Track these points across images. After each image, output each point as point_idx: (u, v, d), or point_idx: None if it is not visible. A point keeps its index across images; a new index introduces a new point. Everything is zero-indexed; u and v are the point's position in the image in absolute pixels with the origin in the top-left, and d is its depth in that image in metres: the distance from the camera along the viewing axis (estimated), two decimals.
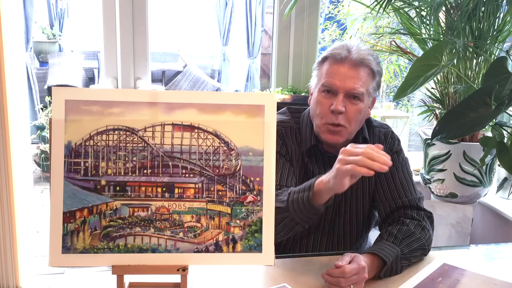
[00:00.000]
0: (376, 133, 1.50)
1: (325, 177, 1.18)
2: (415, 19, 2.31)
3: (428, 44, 2.31)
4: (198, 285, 1.16)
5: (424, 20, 2.28)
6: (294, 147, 1.46)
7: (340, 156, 1.13)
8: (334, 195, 1.45)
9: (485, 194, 2.35)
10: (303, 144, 1.46)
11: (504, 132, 1.23)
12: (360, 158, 1.08)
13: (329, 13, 3.88)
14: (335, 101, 1.34)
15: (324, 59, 1.40)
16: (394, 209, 1.42)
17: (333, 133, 1.37)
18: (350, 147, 1.13)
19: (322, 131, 1.39)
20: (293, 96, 2.39)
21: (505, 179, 2.51)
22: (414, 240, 1.31)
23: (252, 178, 1.02)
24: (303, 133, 1.47)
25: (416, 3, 2.22)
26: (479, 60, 2.19)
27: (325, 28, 3.76)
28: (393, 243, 1.28)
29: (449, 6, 2.15)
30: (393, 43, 2.46)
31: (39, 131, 4.37)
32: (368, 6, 2.51)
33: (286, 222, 1.24)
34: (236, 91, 6.62)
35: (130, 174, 1.00)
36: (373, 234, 1.61)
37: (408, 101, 4.23)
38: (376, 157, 1.08)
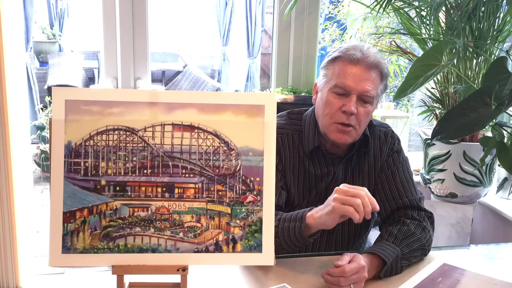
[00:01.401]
0: (376, 132, 1.50)
1: (316, 213, 1.21)
2: (415, 19, 2.31)
3: (428, 44, 2.31)
4: (198, 285, 1.16)
5: (424, 20, 2.28)
6: (291, 153, 1.45)
7: (336, 195, 1.16)
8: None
9: (485, 194, 2.35)
10: (305, 146, 1.45)
11: (504, 132, 1.23)
12: (359, 203, 1.12)
13: (329, 13, 3.87)
14: (347, 102, 1.33)
15: (336, 59, 1.38)
16: (395, 209, 1.42)
17: (343, 132, 1.36)
18: (344, 187, 1.16)
19: (331, 130, 1.38)
20: (295, 96, 2.39)
21: (505, 179, 2.51)
22: (414, 240, 1.31)
23: (252, 178, 1.02)
24: (306, 135, 1.46)
25: (416, 3, 2.22)
26: (479, 60, 2.19)
27: (325, 28, 3.75)
28: (393, 243, 1.28)
29: (449, 6, 2.15)
30: (393, 43, 2.46)
31: (39, 131, 4.36)
32: (368, 6, 2.51)
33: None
34: (236, 91, 6.62)
35: (130, 174, 1.00)
36: (373, 234, 1.61)
37: (408, 101, 4.23)
38: (366, 204, 1.13)
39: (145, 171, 1.01)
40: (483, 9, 2.07)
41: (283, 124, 1.48)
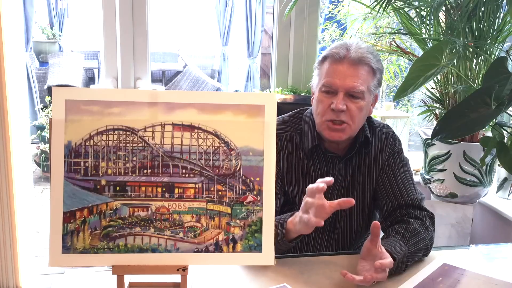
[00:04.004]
0: (377, 133, 1.50)
1: (294, 219, 1.22)
2: (415, 19, 2.31)
3: (428, 44, 2.31)
4: (198, 285, 1.16)
5: (424, 20, 2.28)
6: (290, 154, 1.46)
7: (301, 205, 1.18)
8: (335, 195, 1.46)
9: (485, 194, 2.35)
10: (304, 144, 1.46)
11: (504, 132, 1.22)
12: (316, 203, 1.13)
13: (329, 13, 3.87)
14: (335, 100, 1.35)
15: (324, 59, 1.41)
16: (396, 207, 1.42)
17: (335, 130, 1.38)
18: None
19: (323, 128, 1.40)
20: (295, 96, 2.39)
21: (505, 179, 2.51)
22: (420, 239, 1.31)
23: (252, 178, 1.02)
24: (305, 134, 1.47)
25: (416, 3, 2.22)
26: (479, 60, 2.19)
27: (325, 28, 3.76)
28: (401, 241, 1.28)
29: (449, 6, 2.15)
30: (393, 43, 2.46)
31: (39, 131, 4.36)
32: (368, 6, 2.51)
33: None
34: (236, 91, 6.62)
35: (130, 174, 1.00)
36: None
37: (408, 101, 4.23)
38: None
39: (145, 171, 1.01)
40: (483, 9, 2.07)
41: (282, 126, 1.49)
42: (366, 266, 1.17)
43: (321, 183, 1.13)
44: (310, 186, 1.15)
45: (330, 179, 1.14)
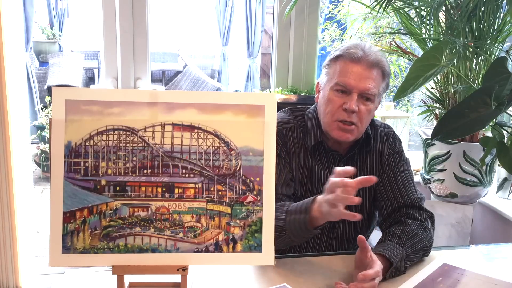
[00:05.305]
0: (378, 132, 1.50)
1: (320, 207, 1.18)
2: (415, 19, 2.31)
3: (428, 44, 2.31)
4: (198, 285, 1.16)
5: (424, 20, 2.28)
6: (296, 147, 1.46)
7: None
8: None
9: (485, 194, 2.35)
10: (307, 141, 1.46)
11: (504, 132, 1.22)
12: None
13: (329, 13, 3.87)
14: (348, 100, 1.34)
15: (338, 58, 1.39)
16: (396, 208, 1.42)
17: (344, 130, 1.37)
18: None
19: (332, 128, 1.39)
20: (297, 96, 2.39)
21: (505, 179, 2.51)
22: (417, 241, 1.31)
23: (252, 178, 1.02)
24: (308, 131, 1.47)
25: (416, 3, 2.22)
26: (479, 60, 2.19)
27: (325, 28, 3.75)
28: (398, 244, 1.28)
29: (449, 6, 2.15)
30: (393, 43, 2.46)
31: (39, 131, 4.36)
32: (368, 6, 2.51)
33: (283, 239, 1.25)
34: (236, 91, 6.62)
35: (130, 174, 1.00)
36: (374, 235, 1.61)
37: (408, 101, 4.23)
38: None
39: (145, 171, 1.01)
40: (483, 9, 2.07)
41: (288, 119, 1.49)
42: None
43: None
44: (339, 168, 1.14)
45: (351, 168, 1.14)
